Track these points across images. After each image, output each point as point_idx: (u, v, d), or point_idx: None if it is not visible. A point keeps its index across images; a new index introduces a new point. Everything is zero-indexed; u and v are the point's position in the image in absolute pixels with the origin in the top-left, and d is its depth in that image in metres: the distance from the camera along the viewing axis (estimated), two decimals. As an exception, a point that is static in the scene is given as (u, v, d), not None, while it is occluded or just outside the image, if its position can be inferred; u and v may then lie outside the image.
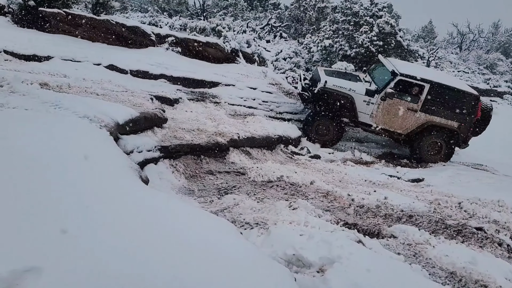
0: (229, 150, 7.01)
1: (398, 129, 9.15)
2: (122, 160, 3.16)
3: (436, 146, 9.24)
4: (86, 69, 8.06)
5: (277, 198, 5.47)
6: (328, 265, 3.27)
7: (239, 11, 22.69)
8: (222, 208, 4.86)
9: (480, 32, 37.56)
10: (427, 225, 5.19)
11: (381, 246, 4.26)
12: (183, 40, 10.98)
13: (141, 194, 2.33)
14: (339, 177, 7.28)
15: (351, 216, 5.29)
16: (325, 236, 3.73)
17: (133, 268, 1.67)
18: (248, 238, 3.74)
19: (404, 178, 7.73)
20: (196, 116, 7.88)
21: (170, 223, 2.05)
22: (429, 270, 3.99)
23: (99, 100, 5.50)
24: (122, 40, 10.15)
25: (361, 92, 9.06)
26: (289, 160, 8.02)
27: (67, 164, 2.33)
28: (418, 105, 8.89)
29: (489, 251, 4.61)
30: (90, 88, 6.53)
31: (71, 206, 1.94)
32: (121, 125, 4.92)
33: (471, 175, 8.18)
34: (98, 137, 3.37)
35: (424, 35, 38.95)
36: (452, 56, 30.16)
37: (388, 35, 11.91)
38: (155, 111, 6.17)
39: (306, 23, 16.95)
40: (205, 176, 6.05)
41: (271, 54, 14.06)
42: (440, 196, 6.36)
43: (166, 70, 9.62)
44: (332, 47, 12.57)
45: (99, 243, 1.72)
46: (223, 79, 10.53)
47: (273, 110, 10.26)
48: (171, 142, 5.99)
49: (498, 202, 6.28)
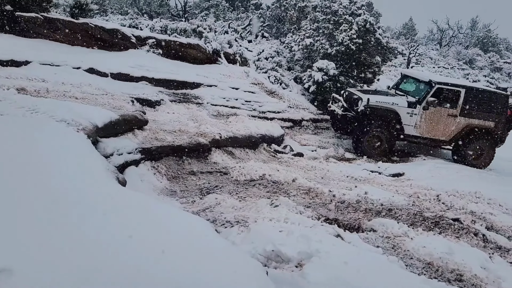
0: (212, 151, 7.04)
1: (441, 137, 9.46)
2: (98, 162, 3.17)
3: (479, 150, 9.53)
4: (65, 73, 7.99)
5: (259, 197, 5.52)
6: (306, 260, 3.33)
7: (220, 12, 22.70)
8: (203, 208, 4.88)
9: (459, 28, 38.23)
10: (406, 218, 5.29)
11: (360, 239, 4.34)
12: (164, 41, 10.95)
13: (116, 194, 2.35)
14: (321, 174, 7.37)
15: (332, 211, 5.37)
16: (304, 232, 3.79)
17: (96, 264, 1.70)
18: (228, 236, 3.79)
19: (385, 173, 7.86)
20: (178, 118, 7.89)
21: (141, 220, 2.08)
22: (406, 262, 4.08)
23: (77, 104, 5.47)
24: (102, 43, 10.07)
25: (403, 105, 9.27)
26: (272, 159, 8.09)
27: (39, 167, 2.34)
28: (457, 110, 9.27)
29: (465, 241, 4.72)
30: (69, 92, 6.49)
31: (39, 208, 1.95)
32: (100, 128, 4.91)
33: (450, 168, 8.37)
34: (74, 140, 3.37)
35: (405, 32, 39.45)
36: (433, 53, 30.63)
37: (367, 32, 12.04)
38: (135, 113, 6.17)
39: (287, 22, 17.01)
40: (187, 177, 6.07)
41: (253, 54, 14.08)
42: (419, 190, 6.49)
43: (147, 72, 9.58)
44: (313, 46, 12.65)
45: (68, 242, 1.74)
46: (205, 80, 10.54)
47: (256, 109, 10.31)
48: (152, 144, 5.99)
49: (475, 194, 6.45)
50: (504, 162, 10.63)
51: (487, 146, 9.48)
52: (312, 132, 10.83)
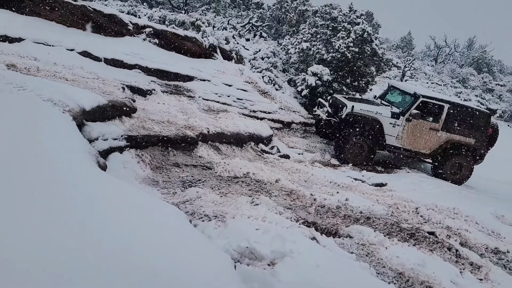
0: (198, 144, 7.05)
1: (422, 149, 9.57)
2: (80, 144, 3.17)
3: (458, 166, 9.67)
4: (59, 53, 7.92)
5: (241, 194, 5.54)
6: (279, 259, 3.36)
7: (221, 7, 22.67)
8: (184, 200, 4.89)
9: (456, 47, 38.65)
10: (383, 227, 5.36)
11: (336, 244, 4.38)
12: (161, 32, 10.90)
13: (92, 177, 2.35)
14: (305, 177, 7.41)
15: (312, 215, 5.40)
16: (280, 231, 3.82)
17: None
18: (204, 229, 3.81)
19: (368, 182, 7.93)
20: (167, 109, 7.88)
21: (113, 205, 2.09)
22: (378, 270, 4.13)
23: (66, 85, 5.44)
24: (98, 27, 10.00)
25: (387, 115, 9.37)
26: (258, 158, 8.11)
27: (16, 143, 2.32)
28: (440, 124, 9.39)
29: (438, 255, 4.79)
30: (60, 73, 6.44)
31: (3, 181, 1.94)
32: (87, 111, 4.89)
33: (432, 183, 8.47)
34: (58, 121, 3.35)
35: (403, 46, 39.79)
36: (428, 68, 30.93)
37: (364, 42, 12.14)
38: (125, 100, 6.15)
39: (286, 24, 17.07)
40: (171, 168, 6.06)
41: (249, 53, 14.11)
42: (399, 201, 6.57)
43: (142, 61, 9.54)
44: (310, 50, 12.72)
45: (36, 219, 1.74)
46: (199, 74, 10.54)
47: (247, 108, 10.33)
48: (139, 132, 5.98)
49: (453, 210, 6.55)
50: (485, 182, 10.82)
51: (466, 162, 9.62)
52: (301, 135, 10.88)
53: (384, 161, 10.41)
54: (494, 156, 12.86)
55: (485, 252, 5.31)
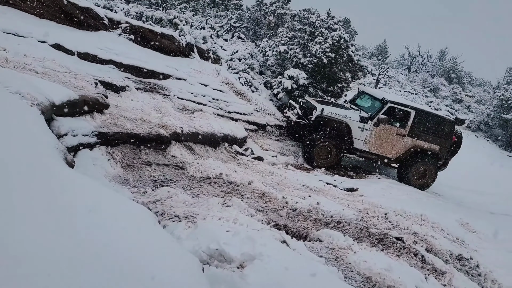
0: (171, 144, 6.96)
1: (388, 154, 9.74)
2: (47, 139, 3.06)
3: (422, 171, 9.89)
4: (29, 45, 7.68)
5: (213, 195, 5.51)
6: (248, 262, 3.34)
7: (200, 6, 22.53)
8: (154, 200, 4.81)
9: (429, 57, 39.65)
10: (352, 231, 5.42)
11: (305, 248, 4.41)
12: (137, 28, 10.74)
13: (57, 173, 2.27)
14: (278, 180, 7.43)
15: (283, 218, 5.42)
16: (251, 234, 3.80)
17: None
18: (174, 230, 3.75)
19: (340, 186, 8.02)
20: (141, 106, 7.75)
21: (78, 202, 2.03)
22: (346, 274, 4.18)
23: (36, 78, 5.27)
24: (72, 20, 9.75)
25: (355, 119, 9.48)
26: (232, 159, 8.08)
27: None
28: (406, 130, 9.59)
29: (405, 260, 4.89)
30: (30, 65, 6.24)
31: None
32: (57, 106, 4.74)
33: (402, 189, 8.65)
34: (25, 114, 3.24)
35: (378, 53, 40.56)
36: (401, 76, 31.60)
37: (341, 48, 12.29)
38: (97, 95, 6.01)
39: (265, 27, 17.12)
40: (142, 167, 5.96)
41: (226, 53, 14.07)
42: (369, 206, 6.67)
43: (116, 56, 9.36)
44: (287, 54, 12.78)
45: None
46: (175, 72, 10.43)
47: (223, 108, 10.29)
48: (110, 129, 5.86)
49: (421, 216, 6.70)
50: (452, 190, 11.13)
51: (430, 168, 9.87)
52: (275, 138, 10.91)
53: (356, 166, 10.57)
54: (461, 165, 13.26)
55: (449, 259, 5.45)
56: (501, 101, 21.15)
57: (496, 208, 10.56)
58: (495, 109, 21.37)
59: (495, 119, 21.19)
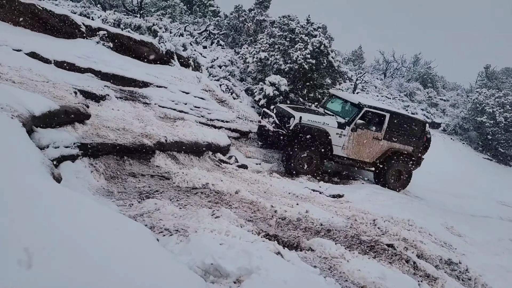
0: (155, 153, 6.80)
1: (366, 158, 9.75)
2: (33, 154, 2.90)
3: (398, 174, 10.01)
4: (4, 53, 7.40)
5: (201, 206, 5.37)
6: (245, 276, 3.24)
7: (177, 13, 22.34)
8: (141, 212, 4.65)
9: (403, 62, 40.39)
10: (343, 239, 5.38)
11: (299, 258, 4.32)
12: (116, 35, 10.51)
13: (48, 190, 2.13)
14: (264, 188, 7.34)
15: (273, 227, 5.33)
16: (245, 247, 3.70)
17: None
18: (166, 245, 3.61)
19: (325, 193, 8.00)
20: (122, 115, 7.56)
21: (76, 221, 1.89)
22: (342, 284, 4.11)
23: (14, 88, 5.05)
24: (49, 28, 9.48)
25: (333, 125, 9.40)
26: (216, 168, 7.96)
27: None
28: (382, 133, 9.63)
29: (397, 267, 4.86)
30: (6, 75, 6.00)
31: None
32: (37, 117, 4.54)
33: (386, 194, 8.70)
34: (6, 127, 3.06)
35: (354, 59, 41.07)
36: (377, 81, 32.05)
37: (321, 54, 12.35)
38: (78, 105, 5.81)
39: (244, 33, 17.08)
40: (126, 178, 5.78)
41: (206, 60, 13.95)
42: (357, 213, 6.65)
43: (95, 65, 9.12)
44: (268, 60, 12.77)
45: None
46: (156, 80, 10.24)
47: (205, 116, 10.15)
48: (93, 140, 5.66)
49: (408, 221, 6.72)
50: (432, 193, 11.29)
51: (406, 169, 10.00)
52: (258, 145, 10.83)
53: (339, 172, 10.59)
54: (439, 169, 13.50)
55: (439, 264, 5.46)
56: (475, 105, 21.68)
57: (476, 210, 10.77)
58: (469, 112, 21.89)
59: (470, 122, 21.70)
